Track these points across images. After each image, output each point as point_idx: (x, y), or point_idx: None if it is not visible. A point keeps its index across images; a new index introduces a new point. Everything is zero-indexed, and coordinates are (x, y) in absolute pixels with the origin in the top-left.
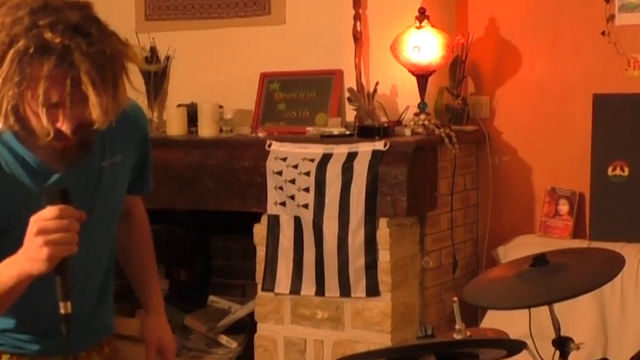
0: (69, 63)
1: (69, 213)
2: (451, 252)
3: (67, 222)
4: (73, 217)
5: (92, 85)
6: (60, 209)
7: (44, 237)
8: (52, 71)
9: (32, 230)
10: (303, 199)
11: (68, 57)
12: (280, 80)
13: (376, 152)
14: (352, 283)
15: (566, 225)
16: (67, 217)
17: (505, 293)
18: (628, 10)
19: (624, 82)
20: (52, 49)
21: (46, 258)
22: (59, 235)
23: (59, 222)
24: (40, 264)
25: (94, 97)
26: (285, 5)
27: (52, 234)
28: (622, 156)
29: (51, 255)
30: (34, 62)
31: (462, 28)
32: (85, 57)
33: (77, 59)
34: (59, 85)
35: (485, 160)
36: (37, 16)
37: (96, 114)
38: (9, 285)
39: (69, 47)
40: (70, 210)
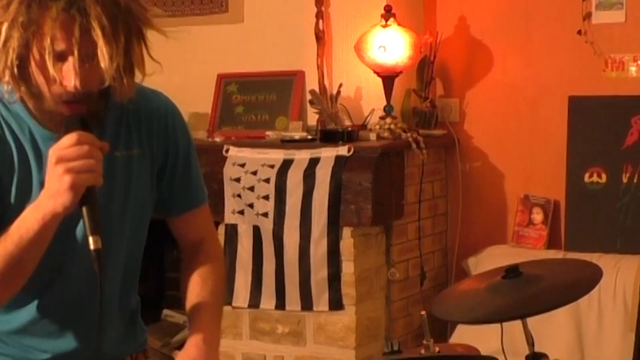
0: (79, 8)
1: (89, 139)
2: (419, 263)
3: (88, 148)
4: (94, 144)
5: (102, 32)
6: (79, 134)
7: (65, 164)
8: (60, 15)
9: (51, 161)
10: (262, 208)
11: (78, 1)
12: (239, 82)
13: (339, 157)
14: (314, 296)
15: (540, 234)
16: (87, 142)
17: (476, 306)
18: (605, 8)
19: (601, 83)
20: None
21: (69, 187)
22: (81, 162)
23: (79, 148)
24: (65, 197)
25: (103, 45)
26: (244, 2)
27: (72, 161)
28: (599, 162)
29: (74, 183)
30: (42, 5)
31: (431, 27)
32: (97, 2)
33: (88, 3)
34: (67, 31)
35: (455, 167)
36: None
37: (105, 65)
38: (34, 230)
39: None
40: (90, 137)
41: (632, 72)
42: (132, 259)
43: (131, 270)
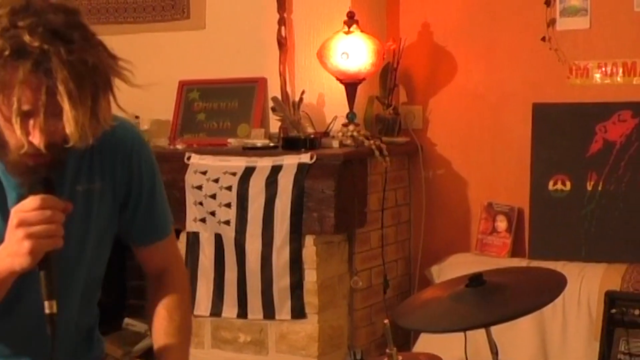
0: (45, 70)
1: (52, 203)
2: (382, 271)
3: (51, 213)
4: (56, 208)
5: (68, 97)
6: (42, 198)
7: (26, 229)
8: (27, 76)
9: (12, 223)
10: (224, 215)
11: (45, 63)
12: (200, 89)
13: (302, 165)
14: (277, 304)
15: (504, 242)
16: (50, 207)
17: (439, 315)
18: (570, 15)
19: (565, 90)
20: (29, 52)
21: (28, 252)
22: (42, 227)
23: (42, 213)
24: (23, 259)
25: (69, 109)
26: (206, 9)
27: (34, 226)
28: (564, 169)
29: (33, 249)
30: (8, 66)
31: (394, 33)
32: (64, 65)
33: (55, 66)
34: (34, 92)
35: (418, 174)
36: (17, 17)
37: (70, 129)
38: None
39: (47, 53)
40: (53, 200)
41: (597, 79)
42: (91, 282)
43: (90, 292)
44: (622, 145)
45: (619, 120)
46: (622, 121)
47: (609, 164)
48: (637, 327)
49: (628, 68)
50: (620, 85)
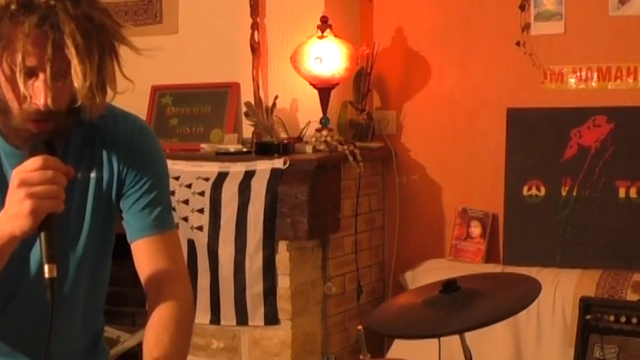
0: (52, 24)
1: (55, 164)
2: (355, 277)
3: (52, 173)
4: (59, 170)
5: (76, 50)
6: (44, 158)
7: (27, 189)
8: (32, 31)
9: (13, 183)
10: (197, 221)
11: (51, 17)
12: (173, 94)
13: (275, 170)
14: (250, 310)
15: (478, 248)
16: (52, 168)
17: (413, 321)
18: (544, 19)
19: (540, 95)
20: (36, 7)
21: (29, 212)
22: (43, 187)
23: (44, 173)
24: (23, 221)
25: (77, 63)
26: (178, 13)
27: (35, 186)
28: (538, 175)
29: (34, 209)
30: (14, 20)
31: (367, 38)
32: (71, 19)
33: (62, 19)
34: (40, 47)
35: (392, 179)
36: None
37: (79, 83)
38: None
39: (54, 7)
40: (55, 162)
41: (572, 84)
42: (95, 279)
43: (95, 290)
44: (597, 150)
45: (594, 125)
46: (596, 126)
47: (583, 169)
48: (611, 333)
49: (603, 73)
50: (595, 90)
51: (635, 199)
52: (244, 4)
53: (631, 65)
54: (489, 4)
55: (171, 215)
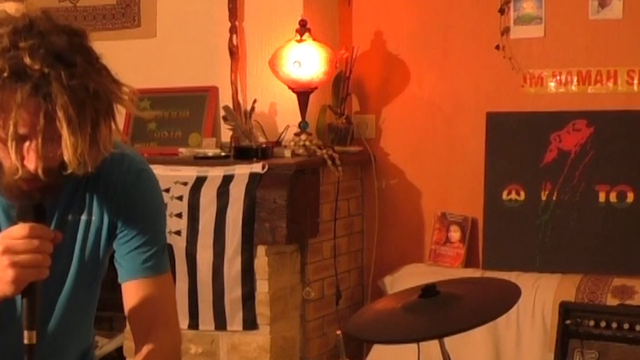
0: (45, 94)
1: (41, 232)
2: (334, 282)
3: (38, 242)
4: (45, 238)
5: (68, 123)
6: (31, 227)
7: (11, 257)
8: (25, 100)
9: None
10: (175, 226)
11: (45, 87)
12: (151, 98)
13: (254, 175)
14: (228, 315)
15: (457, 253)
16: (38, 236)
17: (392, 326)
18: (524, 23)
19: (519, 99)
20: (29, 75)
21: (11, 280)
22: (28, 256)
23: (29, 242)
24: (5, 287)
25: (67, 136)
26: (156, 17)
27: (20, 255)
28: (518, 179)
29: (17, 278)
30: (6, 88)
31: (346, 42)
32: (64, 89)
33: (55, 90)
34: (32, 117)
35: (371, 184)
36: (18, 37)
37: (68, 156)
38: None
39: (48, 76)
40: (42, 230)
41: (551, 88)
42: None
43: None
44: (577, 154)
45: (574, 129)
46: (576, 130)
47: (563, 173)
48: (591, 338)
49: (583, 77)
50: (575, 94)
51: (615, 203)
52: (223, 7)
53: (611, 69)
54: (468, 8)
55: (165, 258)
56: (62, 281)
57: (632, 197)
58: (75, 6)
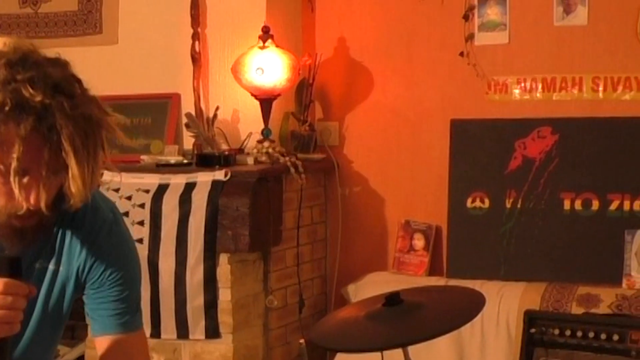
0: (49, 125)
1: (16, 289)
2: (297, 290)
3: (12, 299)
4: (19, 294)
5: (74, 154)
6: (5, 283)
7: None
8: (29, 133)
9: None
10: (137, 233)
11: (49, 118)
12: (113, 105)
13: (216, 182)
14: (191, 324)
15: (421, 261)
16: (12, 293)
17: (355, 334)
18: (488, 29)
19: (484, 106)
20: (31, 107)
21: None
22: (1, 313)
23: (3, 299)
24: None
25: (75, 167)
26: (118, 23)
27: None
28: (482, 187)
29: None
30: (9, 121)
31: (309, 48)
32: (69, 119)
33: (59, 121)
34: (36, 150)
35: (334, 191)
36: (15, 69)
37: (76, 188)
38: None
39: (50, 107)
40: (17, 286)
41: (516, 95)
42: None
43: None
44: (542, 162)
45: (539, 136)
46: (541, 137)
47: (528, 181)
48: (556, 347)
49: (547, 83)
50: (540, 101)
51: (580, 211)
52: (185, 14)
53: (576, 76)
54: (433, 14)
55: (138, 315)
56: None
57: (597, 204)
58: (36, 12)
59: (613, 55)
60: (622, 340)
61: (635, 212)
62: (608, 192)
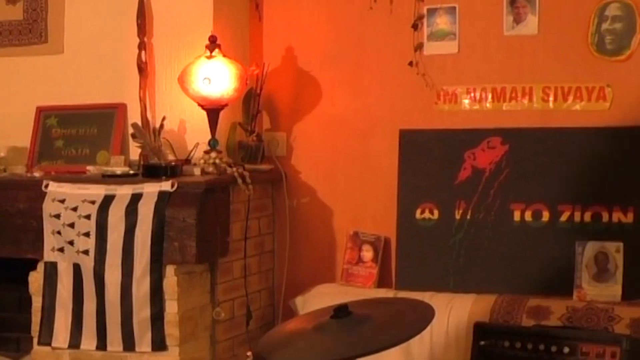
0: None
1: None
2: (245, 302)
3: None
4: None
5: None
6: None
7: None
8: None
9: None
10: (83, 245)
11: None
12: (59, 115)
13: (163, 193)
14: (137, 336)
15: (370, 273)
16: None
17: (304, 347)
18: (438, 39)
19: (433, 116)
20: None
21: None
22: None
23: None
24: None
25: None
26: (64, 33)
27: None
28: (432, 198)
29: None
30: None
31: (257, 58)
32: None
33: None
34: None
35: (282, 202)
36: None
37: None
38: None
39: None
40: None
41: (465, 105)
42: None
43: None
44: (492, 172)
45: (488, 147)
46: (491, 148)
47: (478, 192)
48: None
49: (497, 93)
50: (490, 111)
51: (530, 222)
52: (131, 23)
53: (526, 86)
54: (381, 24)
55: None
56: None
57: (548, 215)
58: None
59: (564, 65)
60: (572, 352)
61: (585, 223)
62: (558, 203)
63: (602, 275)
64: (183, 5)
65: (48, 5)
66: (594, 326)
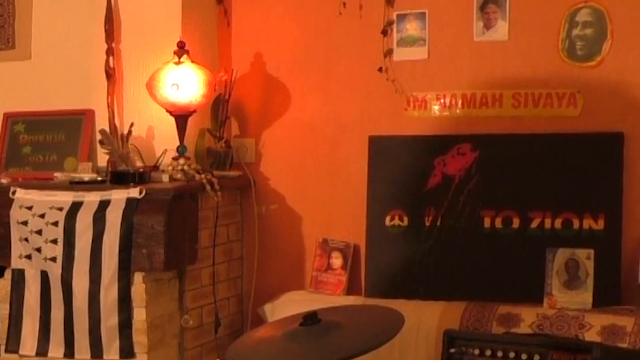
0: None
1: None
2: (213, 309)
3: None
4: None
5: None
6: None
7: None
8: None
9: None
10: (50, 252)
11: None
12: (26, 121)
13: (131, 200)
14: (105, 344)
15: (339, 280)
16: None
17: (272, 354)
18: (407, 44)
19: (403, 122)
20: None
21: None
22: None
23: None
24: None
25: None
26: (31, 38)
27: None
28: (401, 204)
29: None
30: None
31: (226, 64)
32: None
33: None
34: None
35: (251, 209)
36: None
37: None
38: None
39: None
40: None
41: (435, 111)
42: None
43: None
44: (462, 179)
45: (458, 153)
46: (461, 154)
47: (448, 198)
48: None
49: (467, 99)
50: (460, 117)
51: (500, 229)
52: (99, 29)
53: (496, 92)
54: (351, 29)
55: None
56: None
57: (518, 222)
58: None
59: (534, 71)
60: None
61: (556, 230)
62: (529, 210)
63: (573, 282)
64: (151, 11)
65: (15, 11)
66: (565, 334)
